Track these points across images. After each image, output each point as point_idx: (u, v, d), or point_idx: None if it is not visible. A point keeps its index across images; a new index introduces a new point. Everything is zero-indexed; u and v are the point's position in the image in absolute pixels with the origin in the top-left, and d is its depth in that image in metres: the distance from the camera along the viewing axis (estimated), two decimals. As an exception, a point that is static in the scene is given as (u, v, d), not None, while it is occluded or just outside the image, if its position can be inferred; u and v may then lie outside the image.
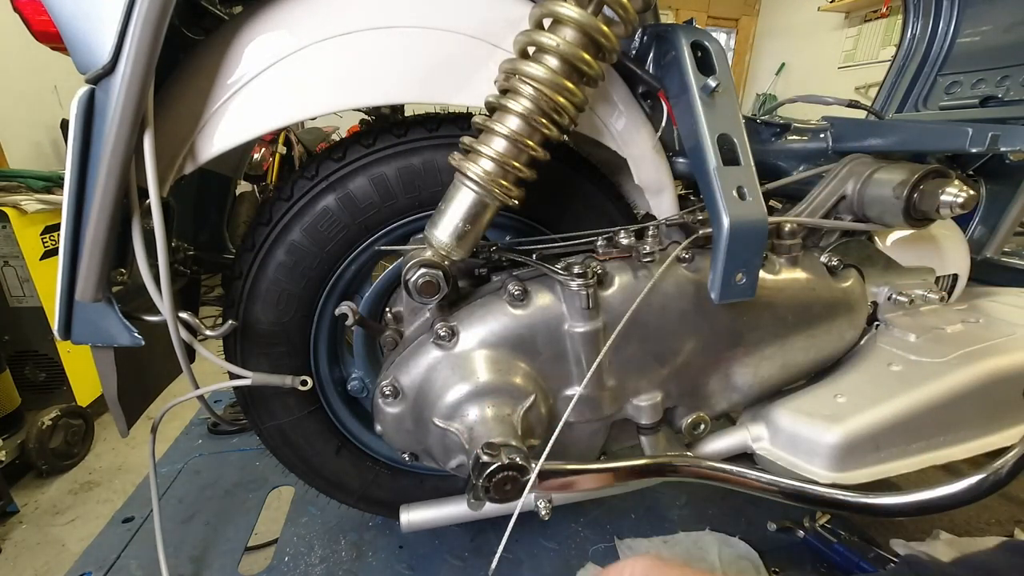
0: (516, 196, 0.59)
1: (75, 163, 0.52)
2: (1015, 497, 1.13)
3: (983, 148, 0.63)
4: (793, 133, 0.87)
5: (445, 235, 0.59)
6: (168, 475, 1.21)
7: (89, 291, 0.55)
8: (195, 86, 0.59)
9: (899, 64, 1.14)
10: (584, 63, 0.55)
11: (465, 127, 0.69)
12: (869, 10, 3.99)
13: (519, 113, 0.55)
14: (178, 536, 1.02)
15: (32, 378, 1.67)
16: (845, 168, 0.74)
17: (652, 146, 0.73)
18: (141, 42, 0.48)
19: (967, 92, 1.04)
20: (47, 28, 0.53)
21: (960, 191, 0.64)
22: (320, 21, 0.59)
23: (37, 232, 1.60)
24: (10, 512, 1.42)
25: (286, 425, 0.79)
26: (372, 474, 0.87)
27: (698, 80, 0.65)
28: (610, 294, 0.65)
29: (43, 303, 1.59)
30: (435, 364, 0.64)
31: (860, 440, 0.68)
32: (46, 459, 1.54)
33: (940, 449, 0.72)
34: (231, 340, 0.72)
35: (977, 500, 0.59)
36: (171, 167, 0.59)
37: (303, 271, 0.70)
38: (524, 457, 0.55)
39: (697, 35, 0.67)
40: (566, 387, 0.67)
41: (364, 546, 0.99)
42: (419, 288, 0.58)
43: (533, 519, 0.74)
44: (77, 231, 0.54)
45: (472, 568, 0.94)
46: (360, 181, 0.68)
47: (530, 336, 0.64)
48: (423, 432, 0.65)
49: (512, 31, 0.59)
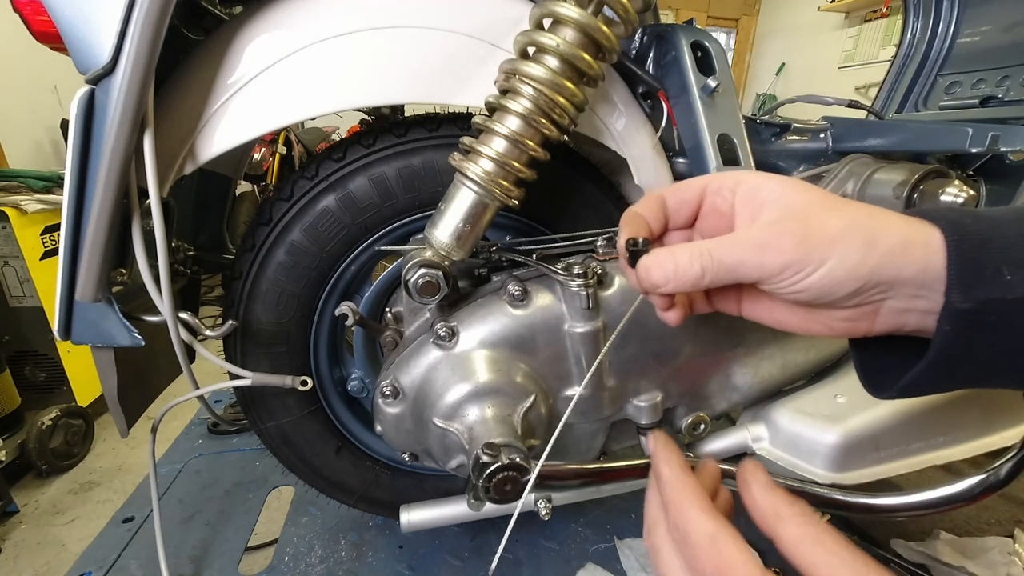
0: (516, 196, 0.59)
1: (75, 163, 0.52)
2: (1015, 497, 1.13)
3: (983, 148, 0.63)
4: (793, 133, 0.87)
5: (445, 235, 0.59)
6: (168, 475, 1.21)
7: (89, 291, 0.55)
8: (195, 86, 0.59)
9: (899, 64, 1.14)
10: (584, 63, 0.55)
11: (465, 127, 0.69)
12: (869, 10, 4.00)
13: (519, 113, 0.55)
14: (178, 536, 1.02)
15: (32, 378, 1.67)
16: (845, 168, 0.74)
17: (652, 146, 0.73)
18: (141, 42, 0.48)
19: (967, 92, 1.04)
20: (47, 28, 0.53)
21: (960, 191, 0.64)
22: (320, 21, 0.59)
23: (37, 232, 1.60)
24: (10, 512, 1.42)
25: (286, 425, 0.79)
26: (372, 474, 0.87)
27: (698, 80, 0.65)
28: (610, 294, 0.65)
29: (43, 303, 1.60)
30: (435, 364, 0.64)
31: (860, 440, 0.68)
32: (46, 459, 1.54)
33: (940, 449, 0.72)
34: (231, 340, 0.72)
35: (977, 500, 0.59)
36: (171, 167, 0.59)
37: (303, 271, 0.70)
38: (524, 457, 0.55)
39: (697, 35, 0.67)
40: (566, 387, 0.67)
41: (364, 546, 0.99)
42: (419, 288, 0.58)
43: (533, 519, 0.74)
44: (77, 231, 0.54)
45: (472, 568, 0.94)
46: (360, 181, 0.68)
47: (530, 336, 0.64)
48: (423, 432, 0.65)
49: (512, 31, 0.59)
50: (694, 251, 0.32)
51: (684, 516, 0.28)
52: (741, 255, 0.30)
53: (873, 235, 0.29)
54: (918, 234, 0.29)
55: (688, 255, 0.32)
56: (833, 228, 0.29)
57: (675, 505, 0.29)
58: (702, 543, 0.27)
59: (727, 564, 0.25)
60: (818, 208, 0.30)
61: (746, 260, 0.30)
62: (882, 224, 0.29)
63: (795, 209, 0.30)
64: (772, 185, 0.32)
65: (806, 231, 0.29)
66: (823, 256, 0.29)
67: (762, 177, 0.33)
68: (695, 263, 0.32)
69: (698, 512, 0.28)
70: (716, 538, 0.26)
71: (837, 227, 0.29)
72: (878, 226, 0.29)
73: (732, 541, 0.26)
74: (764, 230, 0.30)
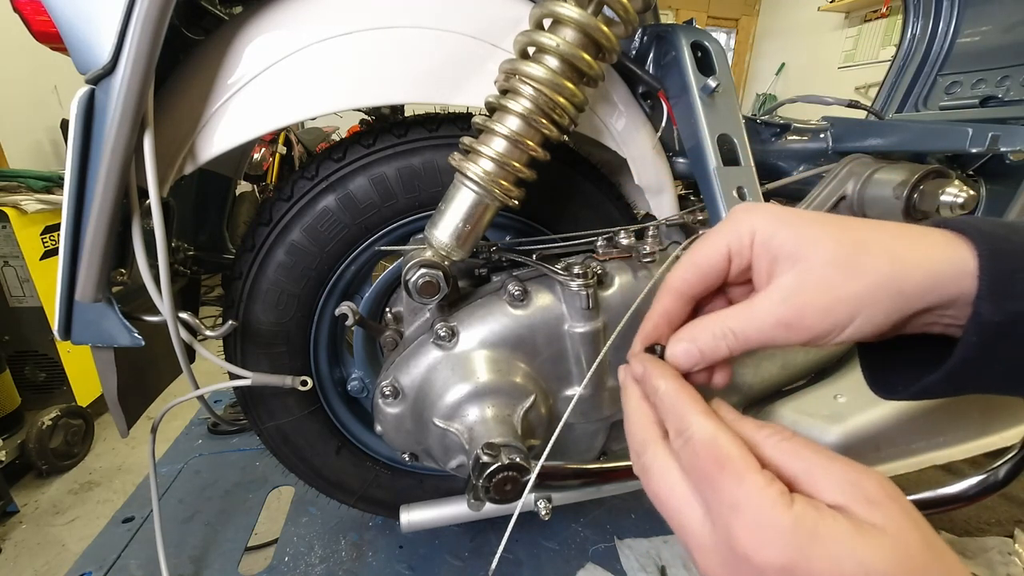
0: (516, 196, 0.59)
1: (75, 163, 0.52)
2: (1015, 497, 1.13)
3: (983, 148, 0.63)
4: (793, 133, 0.87)
5: (445, 235, 0.59)
6: (168, 475, 1.21)
7: (89, 291, 0.55)
8: (195, 86, 0.59)
9: (899, 64, 1.14)
10: (584, 63, 0.55)
11: (465, 127, 0.69)
12: (869, 10, 4.00)
13: (519, 113, 0.55)
14: (178, 536, 1.02)
15: (32, 378, 1.67)
16: (845, 168, 0.74)
17: (652, 146, 0.73)
18: (141, 42, 0.48)
19: (967, 92, 1.04)
20: (47, 28, 0.53)
21: (960, 191, 0.64)
22: (320, 21, 0.59)
23: (37, 232, 1.60)
24: (10, 512, 1.42)
25: (286, 425, 0.79)
26: (372, 474, 0.87)
27: (698, 80, 0.65)
28: (610, 294, 0.65)
29: (43, 303, 1.59)
30: (435, 364, 0.64)
31: (860, 440, 0.68)
32: (46, 459, 1.53)
33: (940, 449, 0.72)
34: (231, 340, 0.72)
35: (976, 500, 0.59)
36: (171, 167, 0.59)
37: (303, 271, 0.70)
38: (524, 457, 0.55)
39: (697, 35, 0.67)
40: (566, 387, 0.67)
41: (364, 546, 0.99)
42: (419, 288, 0.58)
43: (533, 519, 0.74)
44: (77, 231, 0.54)
45: (472, 568, 0.94)
46: (360, 181, 0.68)
47: (530, 336, 0.64)
48: (423, 432, 0.65)
49: (512, 31, 0.59)
50: (715, 331, 0.32)
51: (686, 421, 0.29)
52: (770, 334, 0.31)
53: (900, 284, 0.28)
54: (946, 258, 0.28)
55: (710, 336, 0.32)
56: (856, 290, 0.29)
57: (676, 412, 0.30)
58: (704, 441, 0.27)
59: (724, 457, 0.26)
60: (836, 270, 0.29)
61: (774, 338, 0.31)
62: (910, 265, 0.28)
63: (813, 274, 0.30)
64: (785, 236, 0.31)
65: (829, 302, 0.29)
66: (850, 317, 0.29)
67: (774, 222, 0.31)
68: (720, 345, 0.32)
69: (701, 416, 0.29)
70: (717, 436, 0.27)
71: (860, 289, 0.29)
72: (905, 271, 0.28)
73: (732, 439, 0.27)
74: (787, 307, 0.30)
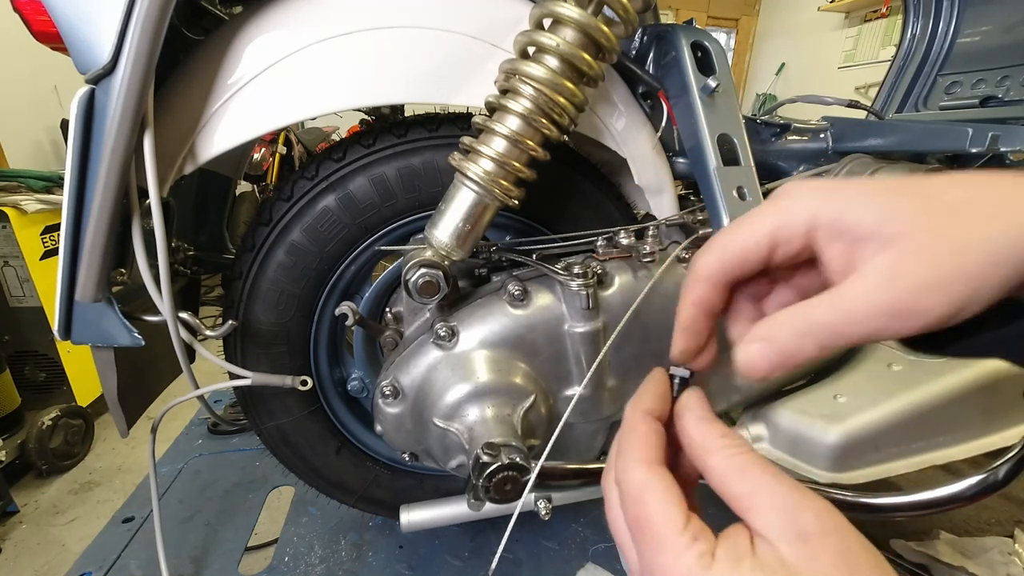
0: (516, 196, 0.59)
1: (75, 163, 0.52)
2: (1015, 497, 1.13)
3: (983, 148, 0.63)
4: (793, 133, 0.87)
5: (445, 235, 0.59)
6: (168, 475, 1.21)
7: (89, 291, 0.55)
8: (195, 86, 0.59)
9: (899, 64, 1.14)
10: (584, 63, 0.55)
11: (465, 127, 0.69)
12: (869, 10, 3.99)
13: (519, 113, 0.55)
14: (178, 536, 1.02)
15: (32, 378, 1.67)
16: (845, 168, 0.74)
17: (652, 146, 0.73)
18: (141, 42, 0.48)
19: (967, 92, 1.04)
20: (47, 28, 0.53)
21: (960, 191, 0.64)
22: (320, 21, 0.59)
23: (37, 232, 1.60)
24: (10, 512, 1.42)
25: (286, 425, 0.79)
26: (372, 474, 0.87)
27: (698, 80, 0.65)
28: (610, 294, 0.65)
29: (43, 303, 1.59)
30: (435, 364, 0.64)
31: (860, 440, 0.68)
32: (46, 459, 1.53)
33: (940, 449, 0.72)
34: (231, 340, 0.72)
35: (977, 500, 0.59)
36: (171, 167, 0.59)
37: (303, 271, 0.70)
38: (524, 457, 0.55)
39: (697, 35, 0.67)
40: (566, 387, 0.67)
41: (364, 546, 0.99)
42: (419, 288, 0.58)
43: (533, 519, 0.74)
44: (77, 231, 0.54)
45: (472, 568, 0.94)
46: (360, 181, 0.68)
47: (530, 336, 0.64)
48: (423, 432, 0.65)
49: (512, 31, 0.59)
50: (796, 328, 0.26)
51: (622, 464, 0.27)
52: (872, 326, 0.24)
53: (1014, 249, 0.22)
54: None
55: (790, 334, 0.26)
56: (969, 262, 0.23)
57: (620, 452, 0.28)
58: (631, 493, 0.26)
59: (645, 518, 0.25)
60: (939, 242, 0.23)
61: (878, 330, 0.25)
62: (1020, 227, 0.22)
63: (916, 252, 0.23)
64: (858, 213, 0.25)
65: (942, 280, 0.23)
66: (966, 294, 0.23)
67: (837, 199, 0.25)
68: (804, 344, 0.26)
69: (635, 463, 0.27)
70: (644, 490, 0.25)
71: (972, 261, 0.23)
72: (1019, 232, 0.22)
73: (659, 494, 0.25)
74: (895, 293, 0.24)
